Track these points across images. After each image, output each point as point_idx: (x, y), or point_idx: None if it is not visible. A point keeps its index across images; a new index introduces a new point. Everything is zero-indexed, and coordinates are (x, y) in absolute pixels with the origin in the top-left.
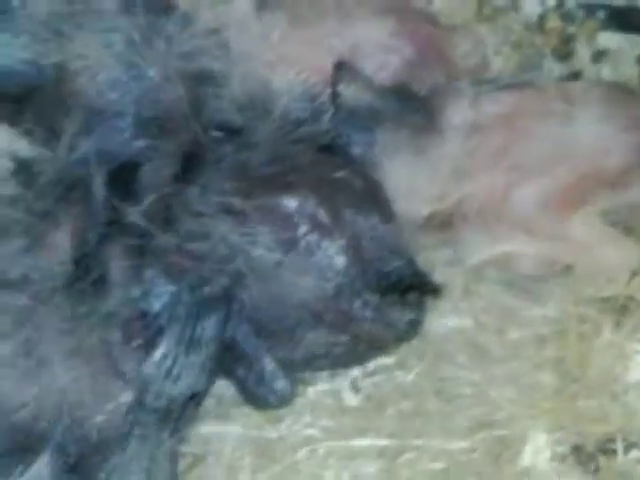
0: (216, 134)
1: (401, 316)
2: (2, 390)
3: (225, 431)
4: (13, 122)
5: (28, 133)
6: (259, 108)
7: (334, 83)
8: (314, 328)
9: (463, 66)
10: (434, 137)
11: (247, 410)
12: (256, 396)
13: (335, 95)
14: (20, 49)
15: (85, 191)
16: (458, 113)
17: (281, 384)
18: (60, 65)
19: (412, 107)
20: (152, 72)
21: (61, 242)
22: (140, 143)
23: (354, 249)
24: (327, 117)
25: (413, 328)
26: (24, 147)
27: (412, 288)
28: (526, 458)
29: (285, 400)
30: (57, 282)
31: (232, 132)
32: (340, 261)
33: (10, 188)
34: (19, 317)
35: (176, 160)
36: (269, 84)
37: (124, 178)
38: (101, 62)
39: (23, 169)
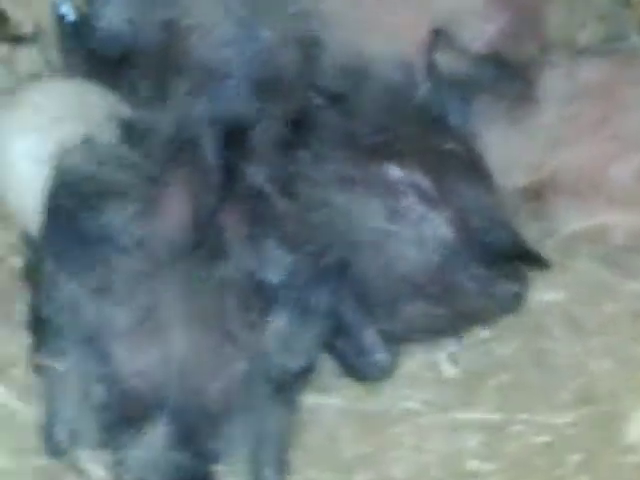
0: (319, 100)
1: (505, 288)
2: (117, 357)
3: (325, 403)
4: (116, 84)
5: (133, 94)
6: (357, 75)
7: (430, 51)
8: (416, 300)
9: (555, 36)
10: (531, 107)
11: (346, 382)
12: (356, 368)
13: (431, 63)
14: (120, 8)
15: (197, 153)
16: (555, 82)
17: (381, 356)
18: (167, 23)
19: (509, 77)
20: (266, 33)
21: (176, 206)
22: (251, 105)
23: (460, 220)
24: (424, 86)
25: (516, 301)
26: (130, 110)
27: (518, 260)
28: (632, 434)
29: (385, 372)
30: (173, 247)
31: (334, 99)
32: (446, 232)
33: (119, 152)
34: (135, 283)
35: (286, 124)
36: (364, 50)
37: (236, 140)
38: (214, 20)
39: (131, 132)
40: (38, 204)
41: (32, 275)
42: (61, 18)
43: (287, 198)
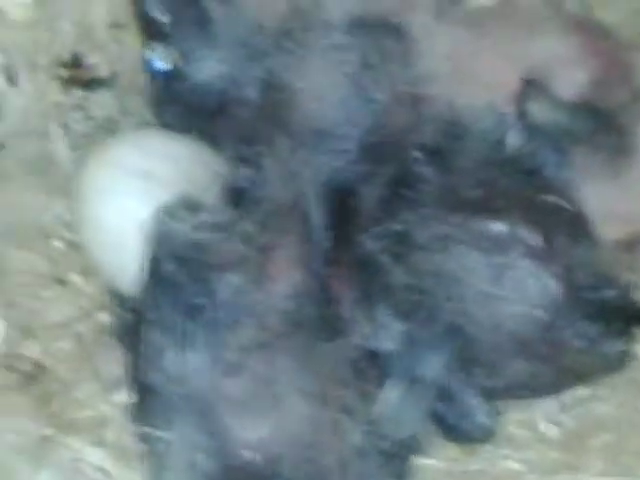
0: (419, 156)
1: (612, 346)
2: (229, 429)
3: (425, 464)
4: (210, 140)
5: (228, 151)
6: (453, 128)
7: (523, 101)
8: (520, 357)
9: None
10: (626, 158)
11: (441, 442)
12: (458, 430)
13: (524, 113)
14: (219, 63)
15: (305, 218)
16: None
17: (484, 417)
18: (272, 81)
19: (603, 127)
20: (381, 95)
21: (285, 274)
22: (359, 167)
23: (567, 276)
24: (518, 137)
25: (623, 358)
26: (229, 169)
27: (626, 317)
28: None
29: (489, 433)
30: (284, 316)
31: (433, 154)
32: (554, 288)
33: (224, 216)
34: (247, 353)
35: (389, 185)
36: (459, 103)
37: (342, 204)
38: (324, 81)
39: (234, 194)
40: (130, 263)
41: (127, 336)
42: (154, 72)
43: (397, 264)
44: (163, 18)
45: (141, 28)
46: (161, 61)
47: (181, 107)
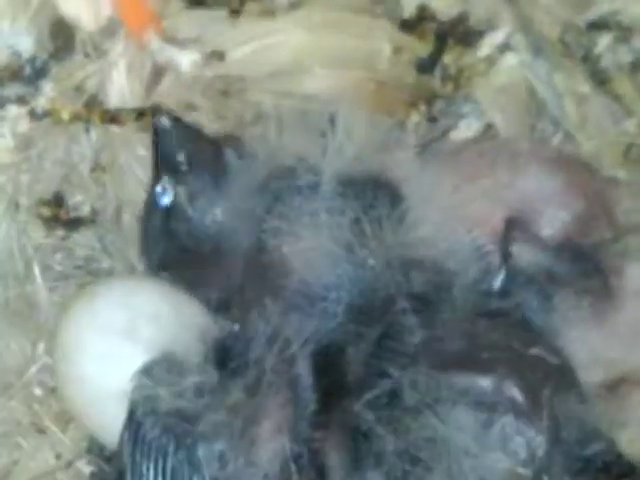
0: (405, 305)
1: None
2: None
3: None
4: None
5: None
6: (436, 274)
7: (506, 242)
8: None
9: (626, 222)
10: (611, 301)
11: None
12: None
13: (507, 256)
14: (222, 212)
15: (292, 381)
16: (636, 276)
17: None
18: (263, 242)
19: (588, 270)
20: (372, 261)
21: (271, 439)
22: (346, 329)
23: (553, 431)
24: (501, 281)
25: None
26: (215, 325)
27: (615, 473)
28: None
29: None
30: None
31: (419, 304)
32: (539, 444)
33: (205, 377)
34: None
35: (377, 340)
36: (439, 244)
37: (330, 366)
38: (317, 243)
39: (218, 352)
40: (110, 420)
41: None
42: (158, 208)
43: (387, 429)
44: (179, 156)
45: (155, 162)
46: (167, 198)
47: (173, 247)
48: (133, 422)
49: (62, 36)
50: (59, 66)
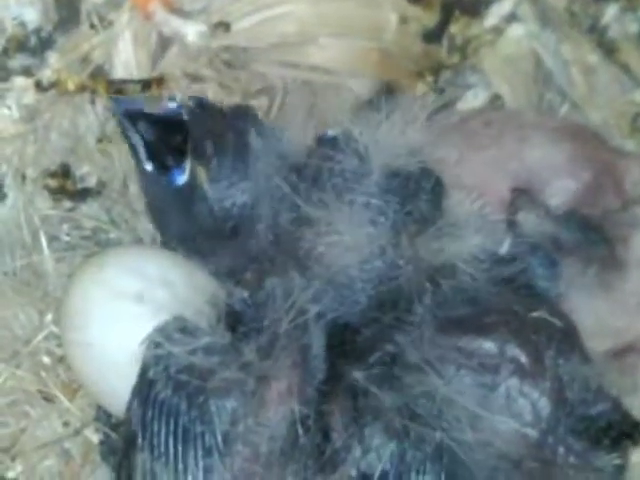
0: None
1: (606, 461)
2: None
3: None
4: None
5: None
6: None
7: (512, 211)
8: (513, 475)
9: (634, 193)
10: (618, 270)
11: None
12: None
13: (513, 224)
14: (241, 192)
15: (303, 348)
16: None
17: None
18: (298, 216)
19: (594, 239)
20: (403, 264)
21: (280, 401)
22: (366, 314)
23: (557, 393)
24: (507, 248)
25: (619, 473)
26: (227, 292)
27: (619, 432)
28: None
29: None
30: (278, 445)
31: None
32: (544, 406)
33: (217, 338)
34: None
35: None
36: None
37: (342, 341)
38: (351, 234)
39: (230, 316)
40: (118, 386)
41: (113, 456)
42: (176, 185)
43: (388, 387)
44: (206, 141)
45: (180, 146)
46: (183, 176)
47: (191, 226)
48: (145, 381)
49: (67, 7)
50: (65, 37)
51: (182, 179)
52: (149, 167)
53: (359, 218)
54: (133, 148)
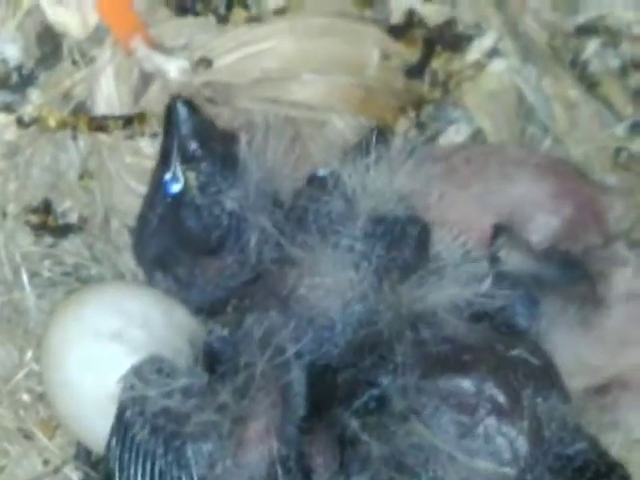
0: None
1: None
2: None
3: None
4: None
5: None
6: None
7: (495, 248)
8: None
9: (616, 229)
10: (598, 307)
11: None
12: None
13: (495, 260)
14: (232, 202)
15: (282, 386)
16: (623, 282)
17: None
18: (281, 252)
19: (575, 275)
20: (385, 312)
21: (259, 441)
22: (345, 357)
23: (535, 431)
24: (487, 285)
25: None
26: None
27: (598, 473)
28: None
29: None
30: None
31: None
32: (521, 445)
33: (194, 379)
34: None
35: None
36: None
37: (325, 379)
38: (334, 282)
39: (207, 356)
40: (97, 425)
41: None
42: (166, 195)
43: (373, 435)
44: (192, 144)
45: (167, 148)
46: (177, 184)
47: (175, 239)
48: (122, 423)
49: (49, 44)
50: (46, 74)
51: (177, 187)
52: (169, 175)
53: (342, 261)
54: (169, 150)
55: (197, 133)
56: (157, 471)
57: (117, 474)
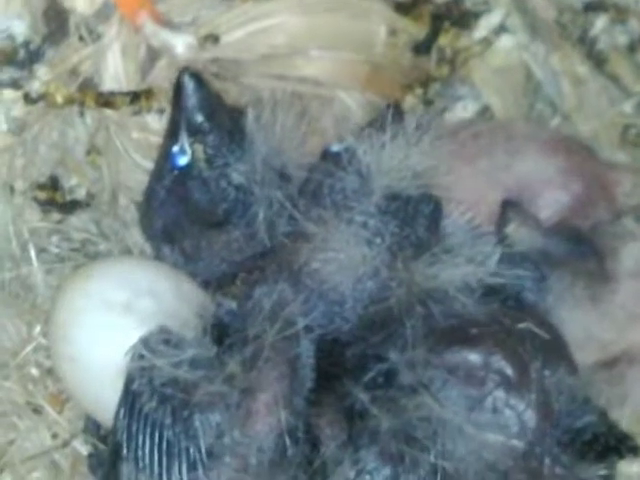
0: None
1: (593, 472)
2: None
3: None
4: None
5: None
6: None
7: (502, 223)
8: None
9: (625, 203)
10: (607, 283)
11: None
12: None
13: (503, 236)
14: (239, 175)
15: (291, 358)
16: (631, 257)
17: None
18: (293, 226)
19: (584, 251)
20: (397, 288)
21: (267, 412)
22: (355, 332)
23: (543, 404)
24: (495, 261)
25: None
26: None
27: (606, 443)
28: None
29: None
30: (266, 457)
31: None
32: (530, 418)
33: (202, 350)
34: None
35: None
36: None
37: (334, 353)
38: (347, 257)
39: (216, 328)
40: (105, 396)
41: (101, 468)
42: (173, 167)
43: (382, 408)
44: (199, 117)
45: (174, 121)
46: (184, 156)
47: (182, 212)
48: (130, 393)
49: (56, 20)
50: (53, 50)
51: (184, 160)
52: (177, 147)
53: (355, 237)
54: (177, 123)
55: (204, 106)
56: (165, 441)
57: (125, 444)
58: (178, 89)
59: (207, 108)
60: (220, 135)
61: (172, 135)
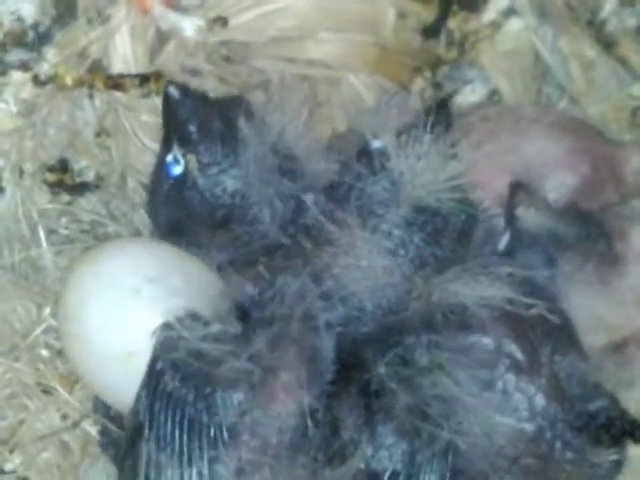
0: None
1: (604, 457)
2: None
3: None
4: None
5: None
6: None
7: (511, 206)
8: (508, 472)
9: (634, 184)
10: (616, 265)
11: None
12: None
13: (512, 219)
14: (234, 180)
15: (312, 347)
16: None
17: None
18: (313, 227)
19: (593, 233)
20: (417, 299)
21: (289, 393)
22: (373, 338)
23: (553, 388)
24: (505, 243)
25: (616, 469)
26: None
27: (617, 428)
28: None
29: None
30: (287, 437)
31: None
32: (540, 401)
33: (228, 327)
34: (249, 473)
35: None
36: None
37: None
38: (369, 266)
39: (239, 309)
40: (115, 377)
41: (112, 447)
42: (167, 176)
43: (400, 387)
44: (191, 125)
45: (166, 130)
46: (178, 166)
47: (182, 215)
48: (153, 374)
49: (65, 2)
50: (62, 32)
51: (178, 169)
52: (170, 157)
53: (379, 247)
54: (169, 134)
55: (193, 117)
56: (187, 419)
57: (147, 423)
58: (166, 102)
59: (196, 119)
60: (212, 143)
61: (166, 145)
